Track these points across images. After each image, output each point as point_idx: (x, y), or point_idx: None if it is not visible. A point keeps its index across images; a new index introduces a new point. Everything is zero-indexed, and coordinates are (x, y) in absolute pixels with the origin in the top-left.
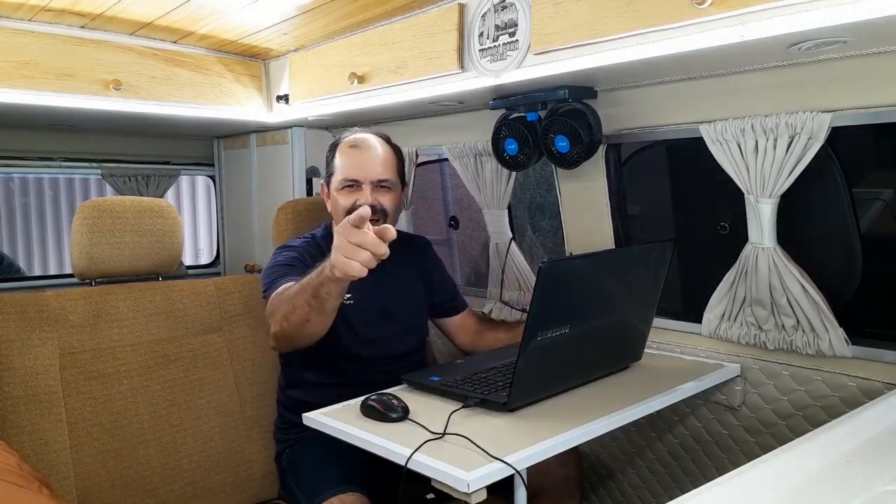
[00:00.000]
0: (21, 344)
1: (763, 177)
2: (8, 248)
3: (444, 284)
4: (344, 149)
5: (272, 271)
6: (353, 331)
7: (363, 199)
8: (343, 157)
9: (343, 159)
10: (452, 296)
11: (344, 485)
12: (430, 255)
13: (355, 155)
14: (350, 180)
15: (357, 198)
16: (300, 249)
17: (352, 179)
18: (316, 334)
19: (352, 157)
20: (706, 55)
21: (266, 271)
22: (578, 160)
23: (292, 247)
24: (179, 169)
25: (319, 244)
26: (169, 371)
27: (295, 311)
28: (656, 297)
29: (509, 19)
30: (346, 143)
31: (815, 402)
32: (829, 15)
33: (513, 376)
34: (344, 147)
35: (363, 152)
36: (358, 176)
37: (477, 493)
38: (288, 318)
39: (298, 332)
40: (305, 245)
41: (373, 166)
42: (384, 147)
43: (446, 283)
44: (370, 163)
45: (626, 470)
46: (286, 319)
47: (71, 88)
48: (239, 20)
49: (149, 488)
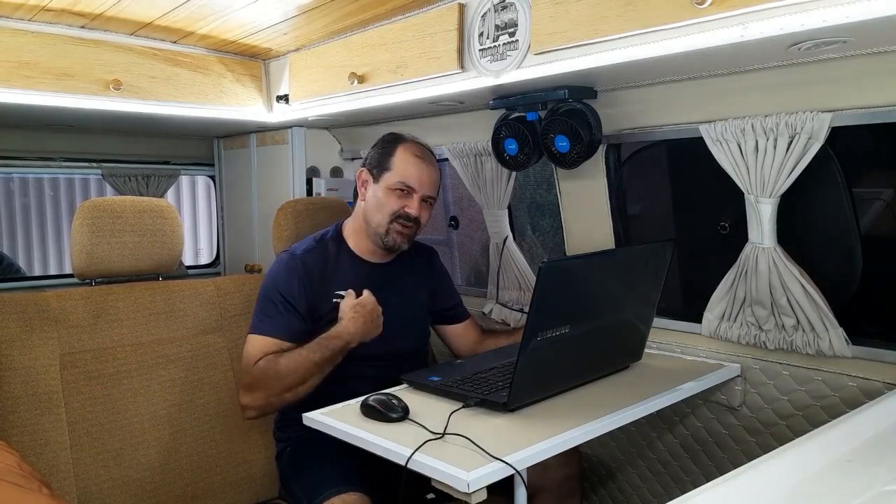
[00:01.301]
0: (21, 344)
1: (763, 177)
2: (8, 249)
3: (447, 293)
4: (408, 153)
5: (259, 322)
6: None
7: (412, 209)
8: (406, 162)
9: (406, 164)
10: (455, 304)
11: (345, 484)
12: (436, 264)
13: (419, 165)
14: (407, 186)
15: (406, 204)
16: (299, 270)
17: (409, 186)
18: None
19: (415, 165)
20: (706, 55)
21: (255, 314)
22: (578, 160)
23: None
24: (179, 169)
25: (328, 246)
26: (169, 371)
27: (303, 383)
28: (656, 296)
29: (509, 19)
30: (411, 148)
31: (816, 402)
32: (829, 15)
33: (513, 376)
34: (408, 151)
35: (427, 165)
36: (416, 185)
37: (477, 493)
38: (290, 390)
39: (294, 399)
40: (309, 254)
41: (429, 182)
42: (436, 165)
43: (450, 293)
44: (428, 178)
45: (627, 470)
46: (287, 392)
47: (71, 88)
48: (239, 20)
49: (149, 488)
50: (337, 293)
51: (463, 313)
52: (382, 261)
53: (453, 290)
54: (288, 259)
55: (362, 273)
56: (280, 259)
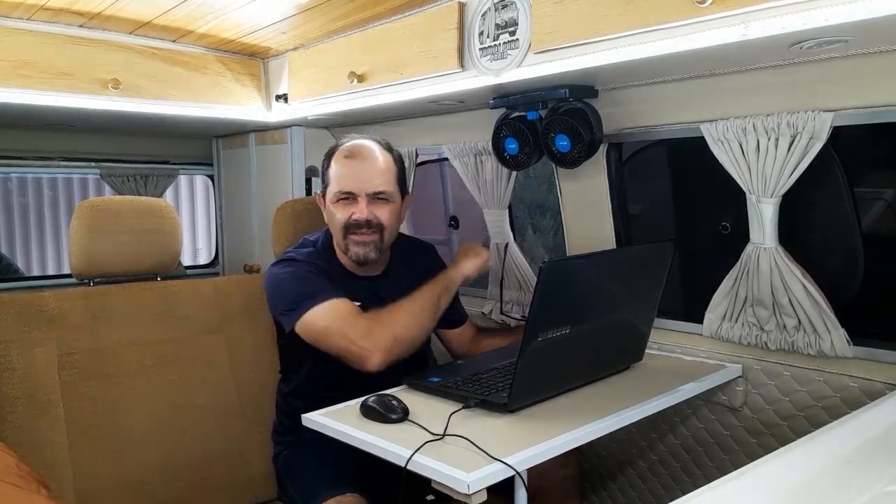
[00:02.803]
0: (19, 344)
1: (764, 176)
2: (6, 249)
3: None
4: (339, 158)
5: (310, 285)
6: None
7: (359, 214)
8: (338, 168)
9: (338, 170)
10: (455, 308)
11: (342, 487)
12: (436, 264)
13: (351, 165)
14: (345, 193)
15: (353, 211)
16: (311, 264)
17: (347, 192)
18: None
19: (347, 167)
20: (707, 54)
21: (294, 285)
22: (579, 160)
23: (302, 262)
24: (178, 168)
25: (322, 254)
26: (168, 371)
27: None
28: (657, 297)
29: (510, 18)
30: (342, 151)
31: (817, 403)
32: (830, 14)
33: (513, 377)
34: (339, 156)
35: (359, 163)
36: (353, 188)
37: (477, 495)
38: (415, 323)
39: (419, 337)
40: (310, 258)
41: (370, 178)
42: (383, 156)
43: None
44: (367, 174)
45: (627, 471)
46: (412, 325)
47: (69, 88)
48: (238, 19)
49: (147, 489)
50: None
51: (462, 315)
52: (370, 274)
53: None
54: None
55: (353, 288)
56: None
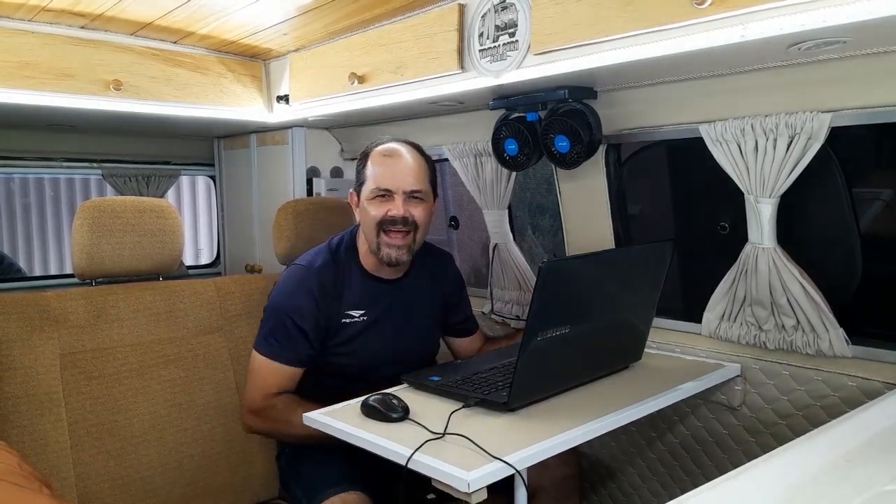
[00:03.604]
0: (22, 344)
1: (763, 177)
2: (8, 249)
3: (460, 305)
4: (376, 157)
5: (270, 345)
6: (366, 351)
7: (395, 210)
8: (376, 166)
9: (375, 168)
10: (466, 318)
11: (345, 484)
12: (452, 272)
13: (389, 164)
14: (383, 190)
15: (389, 208)
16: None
17: (384, 189)
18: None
19: (385, 166)
20: (706, 55)
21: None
22: (578, 160)
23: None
24: (180, 169)
25: (341, 257)
26: (169, 371)
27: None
28: (656, 296)
29: (509, 19)
30: (379, 151)
31: (815, 402)
32: (828, 15)
33: (513, 376)
34: (376, 156)
35: (397, 161)
36: (391, 185)
37: (477, 493)
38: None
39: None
40: (324, 271)
41: (406, 176)
42: (417, 157)
43: (462, 305)
44: (403, 173)
45: (626, 469)
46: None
47: (71, 89)
48: (239, 20)
49: (149, 488)
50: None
51: (473, 326)
52: (392, 277)
53: (466, 301)
54: (303, 275)
55: (372, 291)
56: (293, 273)
